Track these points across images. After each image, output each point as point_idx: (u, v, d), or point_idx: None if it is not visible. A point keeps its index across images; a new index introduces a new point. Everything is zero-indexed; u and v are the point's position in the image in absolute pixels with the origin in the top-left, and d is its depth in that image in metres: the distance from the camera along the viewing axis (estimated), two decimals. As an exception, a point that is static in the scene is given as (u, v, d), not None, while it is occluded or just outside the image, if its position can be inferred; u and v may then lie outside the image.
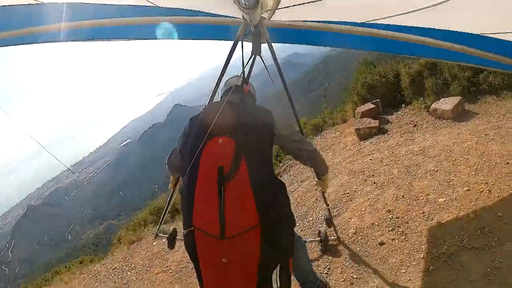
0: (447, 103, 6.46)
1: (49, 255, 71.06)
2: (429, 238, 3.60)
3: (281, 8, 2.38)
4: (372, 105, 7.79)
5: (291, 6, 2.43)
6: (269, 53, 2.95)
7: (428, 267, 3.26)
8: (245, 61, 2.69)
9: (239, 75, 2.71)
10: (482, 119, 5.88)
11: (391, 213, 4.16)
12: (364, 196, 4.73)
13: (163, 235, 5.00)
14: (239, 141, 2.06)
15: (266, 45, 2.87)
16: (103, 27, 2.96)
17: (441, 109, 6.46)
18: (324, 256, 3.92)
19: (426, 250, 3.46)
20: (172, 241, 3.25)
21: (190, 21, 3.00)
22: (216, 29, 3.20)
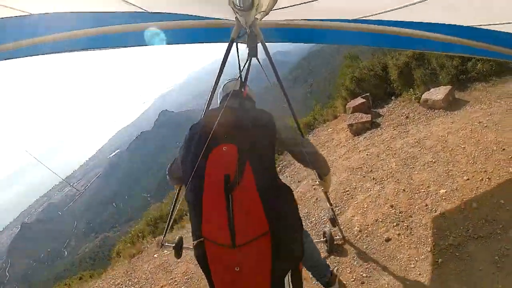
0: (438, 93, 6.50)
1: (47, 272, 70.26)
2: (435, 231, 3.61)
3: (276, 10, 2.35)
4: (363, 99, 7.80)
5: (286, 7, 2.40)
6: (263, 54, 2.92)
7: (437, 260, 3.27)
8: (241, 63, 2.65)
9: (237, 79, 2.66)
10: (474, 107, 5.93)
11: (394, 208, 4.16)
12: (365, 193, 4.72)
13: (169, 245, 4.95)
14: (243, 148, 2.03)
15: (259, 46, 2.83)
16: (94, 36, 2.88)
17: (432, 99, 6.50)
18: (332, 257, 3.90)
19: (433, 243, 3.47)
20: (179, 250, 3.20)
21: (182, 26, 2.95)
22: (209, 32, 3.16)
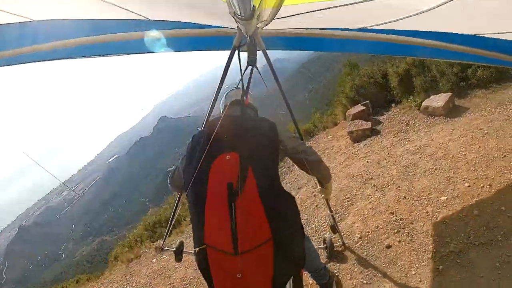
0: (438, 100, 6.52)
1: (44, 275, 69.86)
2: (436, 238, 3.59)
3: (278, 19, 2.36)
4: (362, 107, 7.82)
5: (287, 17, 2.41)
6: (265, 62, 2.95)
7: (438, 267, 3.26)
8: (242, 72, 2.66)
9: (238, 87, 2.68)
10: (474, 114, 5.94)
11: (395, 215, 4.14)
12: (365, 200, 4.71)
13: (169, 249, 4.94)
14: (246, 156, 2.03)
15: (261, 54, 2.84)
16: (96, 44, 2.88)
17: (433, 106, 6.51)
18: (332, 263, 3.88)
19: (434, 250, 3.46)
20: (179, 254, 3.20)
21: (184, 34, 2.95)
22: (211, 40, 3.16)
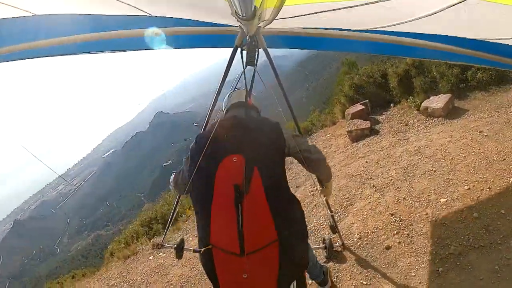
0: (438, 101, 6.52)
1: (39, 270, 69.80)
2: (435, 240, 3.59)
3: (279, 19, 2.34)
4: (362, 106, 7.82)
5: (289, 18, 2.40)
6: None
7: (438, 269, 3.26)
8: (242, 72, 2.65)
9: (241, 88, 2.66)
10: (474, 116, 5.96)
11: (394, 216, 4.14)
12: (365, 200, 4.70)
13: (169, 245, 4.95)
14: (252, 158, 2.03)
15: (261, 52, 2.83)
16: (98, 40, 2.85)
17: (432, 107, 6.51)
18: (331, 263, 3.87)
19: (434, 252, 3.46)
20: (180, 251, 3.20)
21: (187, 32, 2.93)
22: (213, 38, 3.14)
